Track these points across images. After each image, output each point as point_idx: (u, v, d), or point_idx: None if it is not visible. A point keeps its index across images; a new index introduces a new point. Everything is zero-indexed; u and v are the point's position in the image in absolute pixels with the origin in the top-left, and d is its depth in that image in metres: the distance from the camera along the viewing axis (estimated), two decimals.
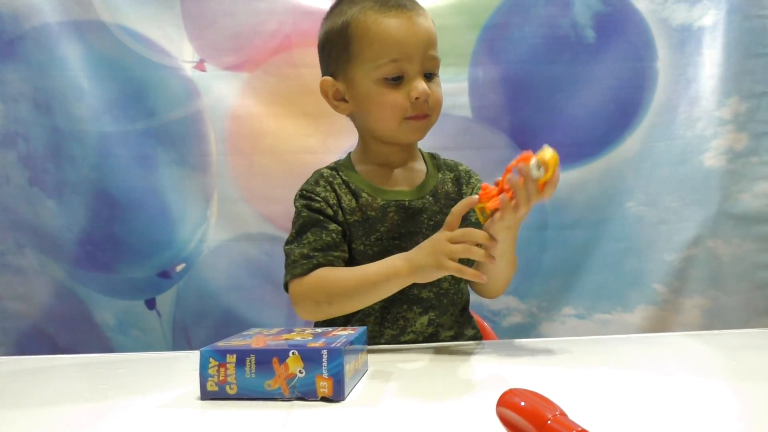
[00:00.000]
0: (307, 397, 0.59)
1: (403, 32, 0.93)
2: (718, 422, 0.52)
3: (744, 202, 1.51)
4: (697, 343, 0.96)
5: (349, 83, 0.98)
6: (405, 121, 0.95)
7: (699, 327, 1.49)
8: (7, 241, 1.54)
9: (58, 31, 1.53)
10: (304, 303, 0.91)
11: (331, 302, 0.90)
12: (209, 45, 1.58)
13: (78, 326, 1.53)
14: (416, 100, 0.93)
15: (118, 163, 1.54)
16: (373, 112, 0.97)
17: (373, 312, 0.96)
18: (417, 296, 0.97)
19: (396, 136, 0.98)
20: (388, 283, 0.87)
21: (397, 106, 0.94)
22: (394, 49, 0.92)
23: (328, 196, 0.97)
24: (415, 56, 0.93)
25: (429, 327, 0.98)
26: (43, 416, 0.60)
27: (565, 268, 1.56)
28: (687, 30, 1.55)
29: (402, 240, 0.96)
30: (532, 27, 1.58)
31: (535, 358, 0.84)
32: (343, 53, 0.96)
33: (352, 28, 0.95)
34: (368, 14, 0.94)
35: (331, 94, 1.00)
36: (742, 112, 1.51)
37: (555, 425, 0.42)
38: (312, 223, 0.95)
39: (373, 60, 0.93)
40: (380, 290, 0.88)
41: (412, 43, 0.93)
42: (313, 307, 0.91)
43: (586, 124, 1.56)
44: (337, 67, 0.99)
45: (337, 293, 0.90)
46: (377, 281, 0.87)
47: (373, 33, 0.93)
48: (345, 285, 0.89)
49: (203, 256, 1.56)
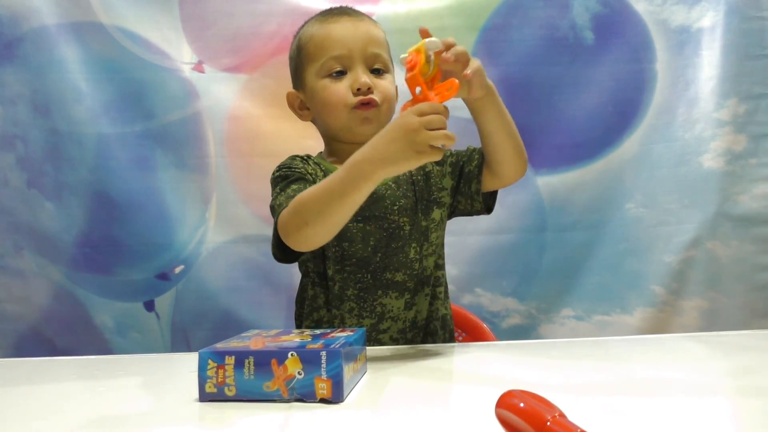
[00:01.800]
0: (306, 398, 0.58)
1: (342, 32, 1.00)
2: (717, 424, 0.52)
3: (743, 203, 1.51)
4: (696, 345, 0.96)
5: (305, 89, 1.04)
6: (352, 111, 0.99)
7: (698, 328, 1.49)
8: (5, 243, 1.54)
9: (56, 33, 1.53)
10: (288, 233, 0.87)
11: (308, 222, 0.84)
12: (208, 46, 1.58)
13: (77, 328, 1.53)
14: (358, 90, 0.98)
15: (116, 165, 1.54)
16: (323, 107, 1.01)
17: (349, 301, 0.97)
18: (391, 280, 0.98)
19: (349, 128, 1.00)
20: (357, 190, 0.80)
21: (340, 95, 0.98)
22: (334, 46, 0.99)
23: (306, 167, 1.00)
24: (355, 51, 0.99)
25: (406, 311, 0.99)
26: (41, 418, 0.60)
27: (564, 270, 1.56)
28: (686, 31, 1.56)
29: (366, 223, 0.98)
30: (531, 28, 1.58)
31: (534, 359, 0.84)
32: (298, 64, 1.05)
33: (301, 39, 1.04)
34: (313, 24, 1.04)
35: (296, 105, 1.07)
36: (740, 113, 1.51)
37: (554, 427, 0.41)
38: (294, 179, 0.96)
39: (318, 60, 1.00)
40: (353, 198, 0.81)
41: (350, 39, 1.00)
42: (295, 234, 0.86)
43: (584, 126, 1.57)
44: (296, 78, 1.06)
45: (312, 211, 0.84)
46: (345, 191, 0.81)
47: (316, 37, 1.01)
48: (316, 201, 0.84)
49: (202, 258, 1.56)
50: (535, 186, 1.56)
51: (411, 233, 0.99)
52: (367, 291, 0.97)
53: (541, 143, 1.54)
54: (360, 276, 0.98)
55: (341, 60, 0.99)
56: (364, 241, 0.97)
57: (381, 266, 0.98)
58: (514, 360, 0.84)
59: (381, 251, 0.98)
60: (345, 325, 0.97)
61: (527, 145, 0.98)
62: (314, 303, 1.00)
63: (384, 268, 0.98)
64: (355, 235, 0.97)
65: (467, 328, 1.30)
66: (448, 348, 0.96)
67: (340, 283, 0.98)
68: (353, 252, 0.97)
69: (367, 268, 0.98)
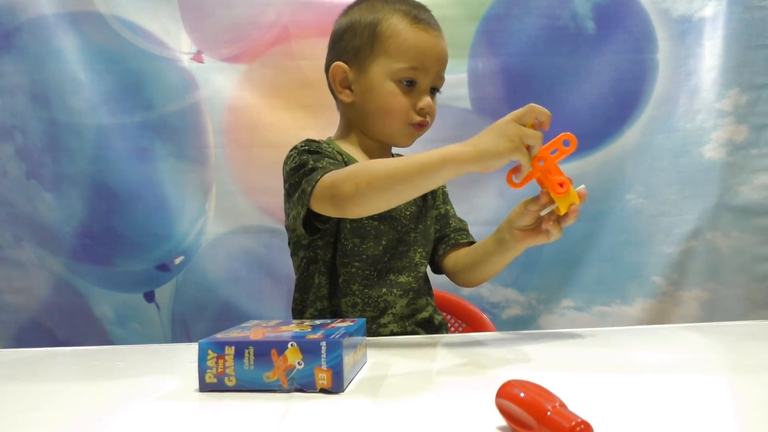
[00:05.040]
0: (306, 388, 0.58)
1: (427, 46, 0.99)
2: (716, 414, 0.52)
3: (743, 194, 1.51)
4: (696, 335, 0.96)
5: (362, 74, 1.00)
6: (408, 125, 1.01)
7: (698, 319, 1.49)
8: (5, 234, 1.54)
9: (54, 23, 1.52)
10: (342, 185, 0.83)
11: (370, 182, 0.80)
12: (207, 36, 1.58)
13: (77, 319, 1.53)
14: (420, 110, 1.00)
15: (115, 155, 1.54)
16: (380, 109, 1.00)
17: (353, 295, 0.97)
18: (395, 281, 1.00)
19: (393, 136, 1.03)
20: (441, 164, 0.77)
21: (404, 109, 0.99)
22: (417, 58, 0.98)
23: (334, 153, 0.98)
24: (431, 71, 1.00)
25: (408, 308, 1.01)
26: (42, 409, 0.60)
27: (565, 261, 1.56)
28: (687, 21, 1.55)
29: (381, 222, 0.99)
30: (532, 18, 1.57)
31: (534, 350, 0.84)
32: (366, 46, 1.00)
33: (383, 26, 0.99)
34: (401, 19, 0.99)
35: (338, 80, 1.02)
36: (742, 104, 1.51)
37: (554, 416, 0.41)
38: (326, 155, 0.94)
39: (396, 61, 0.98)
40: (430, 172, 0.78)
41: (432, 58, 1.00)
42: (351, 189, 0.81)
43: (585, 116, 1.56)
44: (354, 57, 1.01)
45: (381, 173, 0.80)
46: (428, 162, 0.78)
47: (402, 38, 0.98)
48: (389, 166, 0.81)
49: (202, 249, 1.56)
50: None
51: (417, 239, 1.02)
52: (371, 288, 0.98)
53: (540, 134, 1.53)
54: (367, 273, 0.98)
55: (417, 73, 0.99)
56: (376, 239, 0.98)
57: (387, 267, 0.99)
58: (514, 350, 0.84)
59: (390, 252, 1.00)
60: (343, 317, 0.97)
61: None
62: (319, 292, 1.00)
63: (390, 269, 1.00)
64: (369, 233, 0.97)
65: (467, 319, 1.30)
66: (449, 338, 0.96)
67: (345, 276, 0.98)
68: (365, 248, 0.98)
69: (375, 267, 0.99)
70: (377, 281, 0.98)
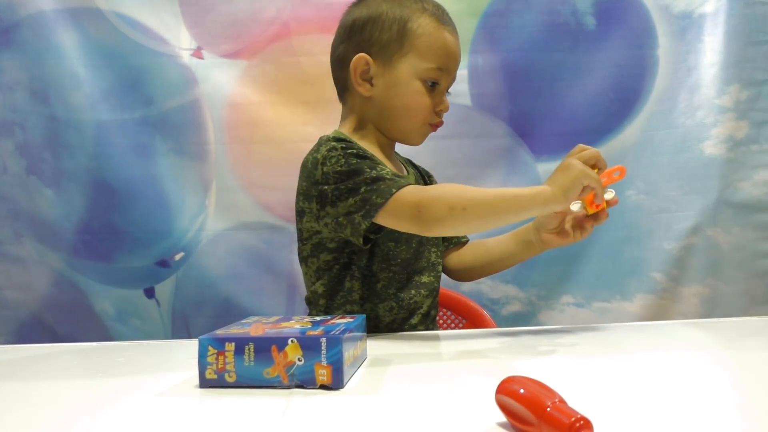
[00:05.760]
0: (306, 385, 0.58)
1: (452, 49, 1.02)
2: (716, 410, 0.52)
3: (744, 190, 1.51)
4: (696, 332, 0.96)
5: (389, 70, 0.99)
6: (426, 125, 1.03)
7: (698, 315, 1.49)
8: (5, 230, 1.54)
9: (54, 19, 1.52)
10: (433, 206, 0.84)
11: (466, 208, 0.83)
12: (207, 32, 1.57)
13: (77, 315, 1.53)
14: (439, 111, 1.02)
15: (115, 151, 1.54)
16: (404, 107, 1.00)
17: (389, 299, 0.98)
18: (419, 282, 1.01)
19: (409, 134, 1.04)
20: (531, 200, 0.83)
21: (426, 109, 1.01)
22: (443, 59, 1.00)
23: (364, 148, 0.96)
24: (452, 73, 1.03)
25: (431, 309, 1.04)
26: (42, 405, 0.60)
27: (564, 257, 1.56)
28: (688, 17, 1.54)
29: None
30: (532, 14, 1.57)
31: (534, 346, 0.84)
32: (395, 41, 0.99)
33: (413, 23, 0.99)
34: (430, 19, 1.00)
35: (360, 71, 1.00)
36: (742, 100, 1.51)
37: (554, 412, 0.41)
38: (374, 159, 0.93)
39: (425, 60, 0.99)
40: (521, 205, 0.84)
41: (454, 60, 1.03)
42: (446, 211, 0.83)
43: (586, 112, 1.56)
44: (381, 50, 0.99)
45: (478, 199, 0.84)
46: (520, 196, 0.84)
47: (434, 38, 0.99)
48: (484, 194, 0.85)
49: (202, 245, 1.56)
50: (535, 173, 1.55)
51: (431, 238, 1.04)
52: (403, 290, 0.99)
53: (541, 130, 1.53)
54: (401, 276, 0.99)
55: (441, 74, 1.00)
56: (407, 242, 0.99)
57: (414, 268, 1.01)
58: (514, 346, 0.84)
59: (414, 254, 1.01)
60: (380, 321, 0.98)
61: (529, 133, 0.99)
62: (349, 296, 0.98)
63: (416, 270, 1.01)
64: (402, 236, 0.97)
65: (468, 315, 1.30)
66: (448, 334, 0.97)
67: (385, 281, 0.98)
68: (398, 252, 0.98)
69: (407, 269, 1.00)
70: (407, 283, 0.99)
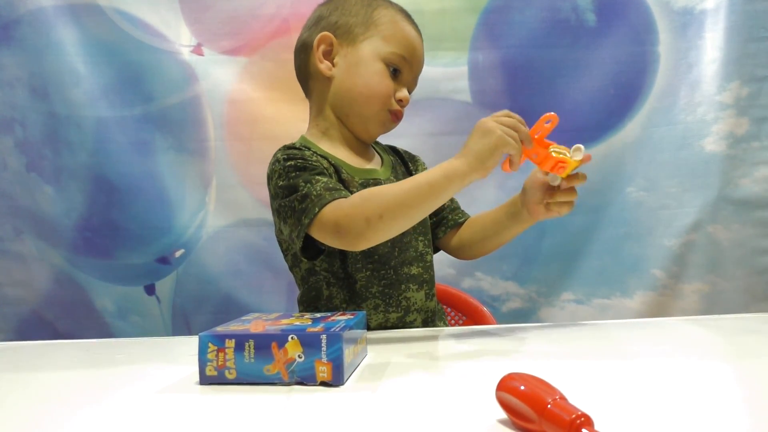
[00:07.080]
0: (306, 381, 0.58)
1: (416, 44, 1.03)
2: (716, 406, 0.52)
3: (744, 187, 1.50)
4: (696, 328, 0.96)
5: (352, 49, 1.00)
6: (385, 111, 1.01)
7: (698, 312, 1.49)
8: (5, 227, 1.54)
9: (53, 15, 1.51)
10: (351, 222, 0.82)
11: (382, 215, 0.80)
12: (206, 29, 1.57)
13: (77, 312, 1.54)
14: (399, 100, 1.01)
15: (115, 148, 1.53)
16: (366, 87, 0.99)
17: (374, 298, 0.97)
18: (408, 274, 1.00)
19: (368, 120, 1.02)
20: (447, 182, 0.81)
21: (387, 92, 1.00)
22: (407, 49, 1.01)
23: (319, 160, 0.95)
24: (414, 69, 1.03)
25: (428, 301, 1.02)
26: (42, 401, 0.60)
27: (565, 254, 1.56)
28: (689, 13, 1.54)
29: None
30: (533, 10, 1.56)
31: (534, 343, 0.84)
32: (360, 24, 1.01)
33: (380, 12, 1.01)
34: (396, 13, 1.03)
35: (322, 50, 1.01)
36: (743, 96, 1.50)
37: (555, 409, 0.41)
38: (318, 172, 0.91)
39: (389, 44, 0.99)
40: (439, 191, 0.82)
41: (417, 58, 1.03)
42: (363, 225, 0.81)
43: (586, 109, 1.56)
44: (346, 32, 1.01)
45: (391, 203, 0.81)
46: (434, 182, 0.81)
47: (398, 27, 1.01)
48: (398, 193, 0.82)
49: (202, 242, 1.56)
50: None
51: (416, 227, 1.01)
52: (391, 287, 0.98)
53: None
54: (384, 272, 0.98)
55: (404, 63, 1.00)
56: None
57: (399, 261, 0.99)
58: (515, 343, 0.84)
59: (397, 246, 0.99)
60: (371, 321, 0.97)
61: None
62: (330, 303, 0.98)
63: (402, 262, 0.99)
64: None
65: (467, 312, 1.30)
66: (449, 331, 0.97)
67: (363, 281, 0.97)
68: (375, 249, 0.95)
69: (389, 264, 0.98)
70: (395, 278, 0.98)
